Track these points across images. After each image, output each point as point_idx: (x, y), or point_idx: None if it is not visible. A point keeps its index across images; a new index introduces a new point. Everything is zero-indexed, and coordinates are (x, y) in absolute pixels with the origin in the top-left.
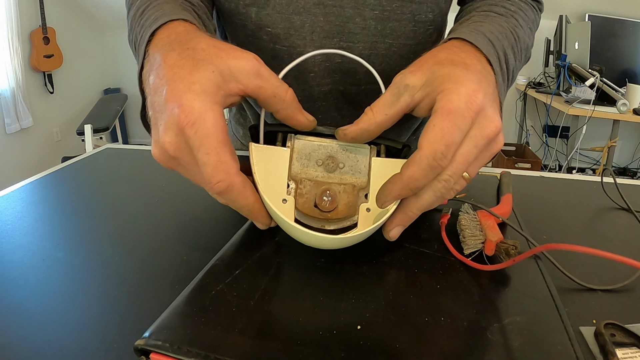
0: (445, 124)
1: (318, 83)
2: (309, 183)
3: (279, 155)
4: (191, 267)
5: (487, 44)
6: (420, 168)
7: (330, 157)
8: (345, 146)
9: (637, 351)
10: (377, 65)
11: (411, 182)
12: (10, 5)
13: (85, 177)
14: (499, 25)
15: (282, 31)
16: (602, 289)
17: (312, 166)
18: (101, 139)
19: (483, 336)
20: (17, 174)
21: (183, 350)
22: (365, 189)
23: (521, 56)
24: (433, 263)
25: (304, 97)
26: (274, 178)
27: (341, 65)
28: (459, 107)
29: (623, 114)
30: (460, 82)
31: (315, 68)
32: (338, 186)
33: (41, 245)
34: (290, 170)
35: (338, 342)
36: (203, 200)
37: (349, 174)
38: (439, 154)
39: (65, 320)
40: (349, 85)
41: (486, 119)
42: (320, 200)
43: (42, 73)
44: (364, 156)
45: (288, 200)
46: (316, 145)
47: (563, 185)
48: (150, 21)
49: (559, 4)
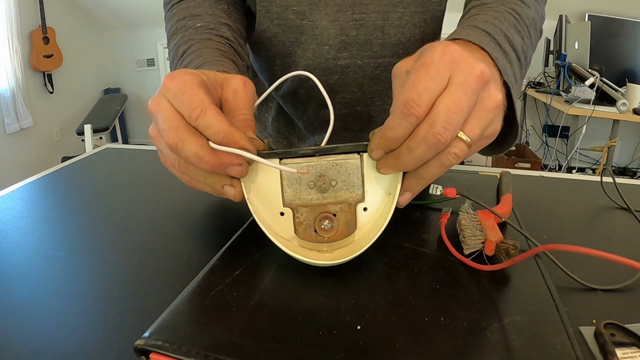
0: (418, 75)
1: (334, 56)
2: (304, 210)
3: (269, 168)
4: (191, 267)
5: (481, 34)
6: (394, 117)
7: (321, 177)
8: (333, 161)
9: (637, 351)
10: (393, 36)
11: (387, 131)
12: (10, 5)
13: (85, 177)
14: (494, 12)
15: (307, 7)
16: (602, 288)
17: (305, 190)
18: (101, 138)
19: (483, 336)
20: (17, 174)
21: (183, 350)
22: (362, 202)
23: (529, 32)
24: (433, 263)
25: (321, 69)
26: (268, 192)
27: (357, 38)
28: (432, 59)
29: (623, 114)
30: (437, 43)
31: (330, 41)
32: (334, 206)
33: (41, 245)
34: (284, 197)
35: (338, 342)
36: (203, 200)
37: (343, 189)
38: (410, 101)
39: (65, 320)
40: (367, 58)
41: (468, 65)
42: (319, 226)
43: (41, 73)
44: (355, 168)
45: (285, 213)
46: (304, 167)
47: (563, 185)
48: (192, 68)
49: (559, 3)
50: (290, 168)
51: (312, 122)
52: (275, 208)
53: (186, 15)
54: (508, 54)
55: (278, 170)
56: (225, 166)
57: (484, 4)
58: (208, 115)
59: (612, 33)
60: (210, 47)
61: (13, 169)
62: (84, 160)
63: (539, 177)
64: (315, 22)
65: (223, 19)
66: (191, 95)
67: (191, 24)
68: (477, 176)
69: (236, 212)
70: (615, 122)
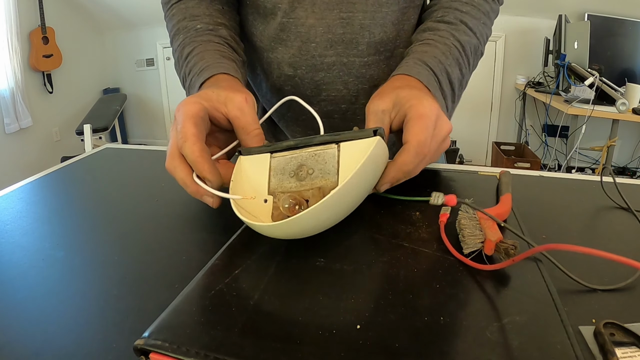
0: (422, 122)
1: (320, 54)
2: (282, 196)
3: (262, 161)
4: (191, 267)
5: (428, 75)
6: (409, 155)
7: (301, 166)
8: (312, 152)
9: (636, 350)
10: (377, 35)
11: (403, 167)
12: (10, 5)
13: (84, 177)
14: (443, 45)
15: (288, 6)
16: (602, 288)
17: (287, 179)
18: (100, 138)
19: (483, 336)
20: (17, 174)
21: (183, 350)
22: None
23: (469, 62)
24: (433, 263)
25: (307, 66)
26: (257, 183)
27: (343, 37)
28: (427, 113)
29: (622, 114)
30: (421, 98)
31: (317, 39)
32: (308, 192)
33: (41, 245)
34: (269, 185)
35: (338, 342)
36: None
37: (319, 177)
38: (423, 143)
39: (65, 320)
40: (352, 56)
41: (443, 122)
42: (284, 207)
43: (41, 73)
44: (331, 157)
45: (268, 200)
46: (288, 159)
47: (562, 184)
48: (197, 70)
49: (559, 3)
50: (235, 196)
51: (296, 119)
52: (261, 195)
53: (186, 15)
54: (444, 91)
55: (267, 161)
56: (202, 195)
57: (437, 31)
58: (186, 145)
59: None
60: (210, 49)
61: (13, 169)
62: (83, 160)
63: (538, 176)
64: (299, 20)
65: (219, 19)
66: (182, 126)
67: (191, 25)
68: (477, 176)
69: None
70: (614, 122)
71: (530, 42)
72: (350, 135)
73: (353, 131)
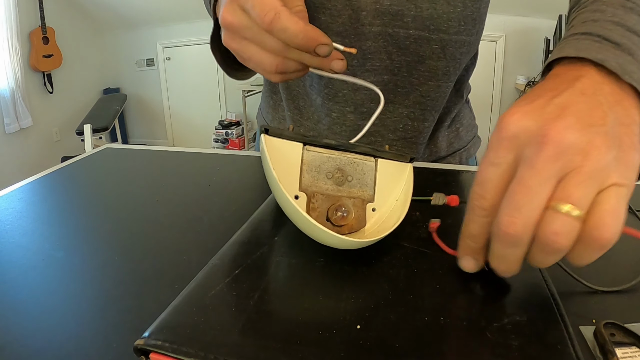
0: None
1: (370, 22)
2: (320, 197)
3: (292, 149)
4: (191, 267)
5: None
6: (467, 213)
7: (339, 170)
8: (352, 159)
9: (636, 351)
10: (424, 10)
11: (465, 231)
12: (10, 5)
13: (84, 177)
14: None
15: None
16: (603, 290)
17: (322, 179)
18: (100, 138)
19: (483, 336)
20: (17, 174)
21: (183, 350)
22: (372, 202)
23: None
24: (433, 263)
25: (356, 34)
26: (287, 172)
27: (389, 8)
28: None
29: None
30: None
31: (367, 7)
32: (348, 200)
33: (40, 245)
34: (301, 181)
35: (338, 342)
36: (203, 200)
37: (357, 187)
38: (473, 194)
39: (65, 320)
40: (397, 28)
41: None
42: (333, 214)
43: (41, 73)
44: (370, 170)
45: (300, 197)
46: (325, 157)
47: None
48: None
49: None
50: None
51: (334, 95)
52: (291, 190)
53: None
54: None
55: (299, 152)
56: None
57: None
58: (282, 18)
59: None
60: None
61: (13, 169)
62: (83, 160)
63: None
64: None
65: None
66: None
67: None
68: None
69: (236, 212)
70: None
71: (530, 42)
72: (389, 155)
73: (389, 151)
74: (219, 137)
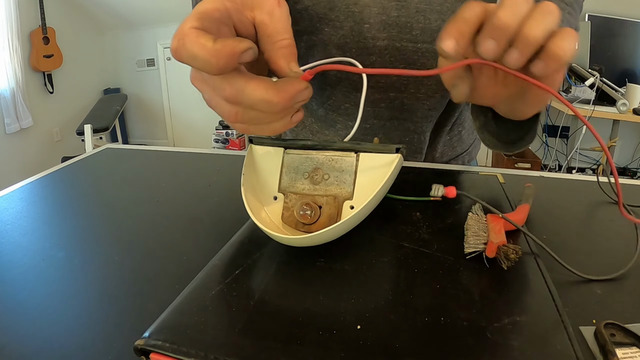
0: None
1: (373, 36)
2: (293, 197)
3: (275, 154)
4: (191, 267)
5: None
6: None
7: (316, 169)
8: (331, 156)
9: (637, 351)
10: (433, 21)
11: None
12: (10, 5)
13: (85, 177)
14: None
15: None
16: (599, 279)
17: (300, 179)
18: (101, 139)
19: (483, 336)
20: (17, 174)
21: (183, 350)
22: (350, 200)
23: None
24: (433, 263)
25: (359, 49)
26: (271, 176)
27: (397, 20)
28: None
29: (623, 114)
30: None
31: (370, 19)
32: (322, 198)
33: (41, 245)
34: (280, 183)
35: (338, 342)
36: (203, 200)
37: (334, 184)
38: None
39: (65, 320)
40: (405, 41)
41: None
42: (299, 212)
43: (41, 73)
44: (349, 166)
45: (278, 198)
46: (304, 158)
47: (563, 185)
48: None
49: None
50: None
51: (337, 108)
52: (270, 192)
53: None
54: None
55: (280, 156)
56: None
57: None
58: (187, 44)
59: (612, 33)
60: None
61: (13, 169)
62: (84, 160)
63: (538, 177)
64: (353, 7)
65: None
66: (179, 27)
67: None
68: (478, 176)
69: (236, 212)
70: (615, 122)
71: None
72: (372, 148)
73: (374, 144)
74: (220, 138)
